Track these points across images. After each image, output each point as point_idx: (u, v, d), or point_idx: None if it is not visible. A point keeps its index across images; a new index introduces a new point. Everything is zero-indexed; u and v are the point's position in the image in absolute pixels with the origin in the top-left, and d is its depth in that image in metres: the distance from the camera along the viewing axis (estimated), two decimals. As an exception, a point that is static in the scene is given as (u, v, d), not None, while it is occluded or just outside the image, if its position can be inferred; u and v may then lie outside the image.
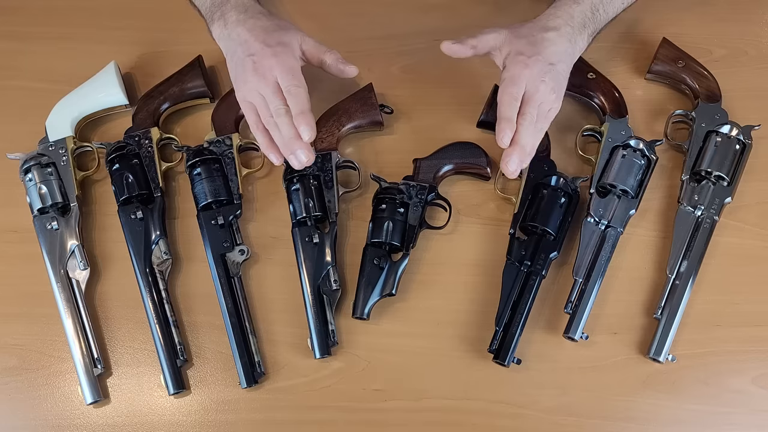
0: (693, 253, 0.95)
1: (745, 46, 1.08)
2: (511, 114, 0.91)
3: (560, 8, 0.96)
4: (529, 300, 0.92)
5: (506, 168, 0.91)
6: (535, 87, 0.91)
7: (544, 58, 0.92)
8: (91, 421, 0.94)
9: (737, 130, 0.98)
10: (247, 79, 0.93)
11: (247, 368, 0.93)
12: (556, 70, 0.93)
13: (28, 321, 0.98)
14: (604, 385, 0.93)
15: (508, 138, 0.90)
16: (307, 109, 0.91)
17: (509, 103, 0.91)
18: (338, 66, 0.97)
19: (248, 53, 0.93)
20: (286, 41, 0.94)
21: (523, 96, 0.91)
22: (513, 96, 0.91)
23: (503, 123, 0.91)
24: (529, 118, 0.91)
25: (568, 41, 0.94)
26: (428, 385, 0.94)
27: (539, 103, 0.92)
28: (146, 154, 1.01)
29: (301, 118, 0.90)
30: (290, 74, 0.92)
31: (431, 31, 1.10)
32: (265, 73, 0.92)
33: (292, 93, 0.91)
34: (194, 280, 0.99)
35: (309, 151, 0.92)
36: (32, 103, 1.07)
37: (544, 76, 0.91)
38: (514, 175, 0.92)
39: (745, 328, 0.94)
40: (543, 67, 0.92)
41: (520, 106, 0.91)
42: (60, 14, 1.14)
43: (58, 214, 0.99)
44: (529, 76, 0.91)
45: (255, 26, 0.95)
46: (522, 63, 0.92)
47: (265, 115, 0.93)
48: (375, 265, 0.94)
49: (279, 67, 0.92)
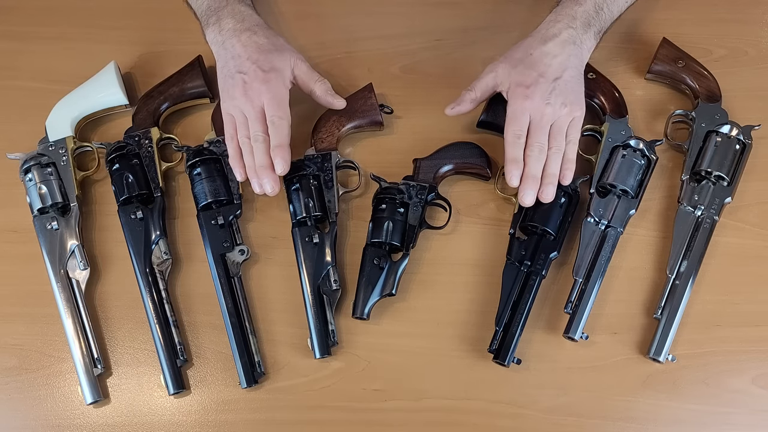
0: (693, 253, 0.95)
1: (745, 46, 1.08)
2: (515, 154, 0.92)
3: (561, 12, 0.96)
4: (529, 300, 0.92)
5: (523, 201, 0.92)
6: (540, 113, 0.91)
7: (546, 78, 0.92)
8: (91, 421, 0.94)
9: (737, 130, 0.98)
10: (235, 96, 0.94)
11: (247, 368, 0.93)
12: (563, 82, 0.92)
13: (28, 321, 0.98)
14: (604, 385, 0.93)
15: (516, 178, 0.91)
16: (286, 143, 0.92)
17: (513, 143, 0.92)
18: (327, 98, 0.98)
19: (239, 70, 0.94)
20: (279, 67, 0.94)
21: (530, 126, 0.92)
22: (515, 134, 0.92)
23: (509, 164, 0.92)
24: (538, 147, 0.91)
25: (571, 44, 0.94)
26: (428, 385, 0.94)
27: (549, 124, 0.92)
28: (146, 154, 1.01)
29: (278, 151, 0.92)
30: (277, 104, 0.93)
31: (431, 31, 1.10)
32: (252, 97, 0.93)
33: (276, 124, 0.92)
34: (194, 280, 0.99)
35: (276, 184, 0.93)
36: (32, 103, 1.07)
37: (548, 99, 0.91)
38: (531, 204, 0.92)
39: (745, 328, 0.94)
40: (545, 88, 0.92)
41: (527, 138, 0.92)
42: (59, 14, 1.14)
43: (58, 214, 0.99)
44: (531, 106, 0.91)
45: (249, 41, 0.95)
46: (521, 95, 0.92)
47: (243, 134, 0.94)
48: (375, 265, 0.94)
49: (268, 94, 0.92)
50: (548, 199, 0.92)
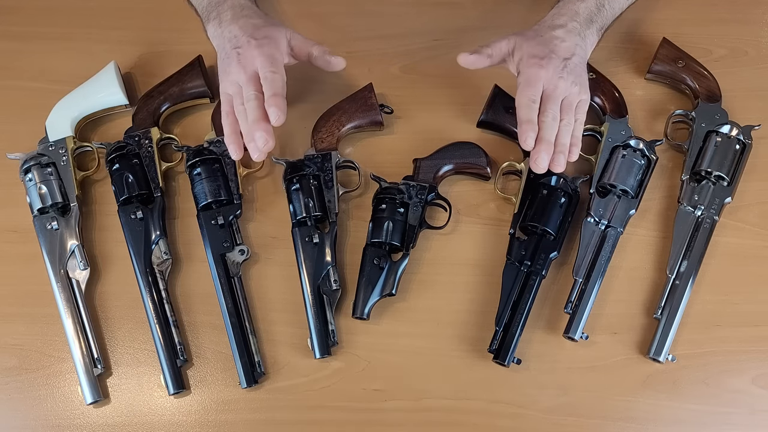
0: (693, 253, 0.95)
1: (745, 46, 1.08)
2: (530, 116, 0.91)
3: (564, 7, 0.97)
4: (529, 300, 0.92)
5: (536, 165, 0.91)
6: (554, 85, 0.91)
7: (558, 55, 0.92)
8: (91, 421, 0.94)
9: (737, 130, 0.98)
10: (231, 70, 0.93)
11: (247, 368, 0.93)
12: (573, 63, 0.93)
13: (28, 321, 0.98)
14: (604, 385, 0.93)
15: (531, 139, 0.90)
16: (280, 92, 0.90)
17: (527, 106, 0.91)
18: (325, 57, 0.96)
19: (235, 46, 0.93)
20: (273, 35, 0.94)
21: (543, 96, 0.91)
22: (530, 98, 0.91)
23: (524, 125, 0.90)
24: (551, 114, 0.91)
25: (576, 35, 0.94)
26: (428, 385, 0.94)
27: (561, 98, 0.92)
28: (146, 154, 1.01)
29: (272, 100, 0.89)
30: (269, 62, 0.91)
31: (431, 31, 1.10)
32: (246, 64, 0.92)
33: (268, 78, 0.90)
34: (194, 280, 0.99)
35: (270, 136, 0.90)
36: (32, 103, 1.07)
37: (561, 73, 0.91)
38: (544, 170, 0.91)
39: (745, 328, 0.94)
40: (558, 64, 0.92)
41: (540, 106, 0.91)
42: (59, 14, 1.14)
43: (58, 214, 0.99)
44: (545, 76, 0.91)
45: (246, 24, 0.95)
46: (536, 65, 0.91)
47: (238, 103, 0.93)
48: (375, 265, 0.94)
49: (260, 57, 0.91)
50: (560, 169, 0.91)
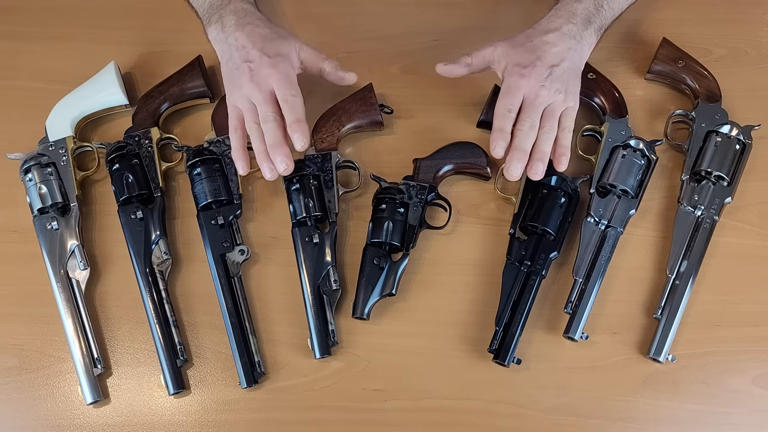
0: (693, 253, 0.95)
1: (745, 46, 1.08)
2: (503, 125, 0.91)
3: (561, 8, 0.96)
4: (529, 300, 0.92)
5: (508, 173, 0.91)
6: (535, 93, 0.91)
7: (544, 62, 0.92)
8: (91, 421, 0.94)
9: (737, 130, 0.98)
10: (242, 85, 0.93)
11: (247, 368, 0.93)
12: (560, 70, 0.92)
13: (28, 321, 0.98)
14: (604, 385, 0.93)
15: (501, 148, 0.90)
16: (303, 117, 0.92)
17: (503, 115, 0.91)
18: (338, 73, 0.97)
19: (245, 59, 0.93)
20: (284, 52, 0.94)
21: (523, 104, 0.92)
22: (506, 107, 0.91)
23: (495, 134, 0.91)
24: (528, 123, 0.91)
25: (571, 38, 0.94)
26: (428, 385, 0.94)
27: (543, 106, 0.92)
28: (146, 154, 1.01)
29: (296, 126, 0.91)
30: (287, 83, 0.92)
31: (431, 31, 1.10)
32: (260, 83, 0.92)
33: (289, 102, 0.91)
34: (194, 280, 0.99)
35: (290, 161, 0.92)
36: (32, 103, 1.07)
37: (544, 81, 0.91)
38: (517, 178, 0.91)
39: (745, 328, 0.94)
40: (542, 72, 0.92)
41: (517, 114, 0.91)
42: (60, 14, 1.14)
43: (58, 214, 0.99)
44: (526, 85, 0.91)
45: (253, 32, 0.95)
46: (518, 73, 0.92)
47: (250, 120, 0.93)
48: (375, 265, 0.94)
49: (276, 76, 0.92)
50: (537, 176, 0.91)
